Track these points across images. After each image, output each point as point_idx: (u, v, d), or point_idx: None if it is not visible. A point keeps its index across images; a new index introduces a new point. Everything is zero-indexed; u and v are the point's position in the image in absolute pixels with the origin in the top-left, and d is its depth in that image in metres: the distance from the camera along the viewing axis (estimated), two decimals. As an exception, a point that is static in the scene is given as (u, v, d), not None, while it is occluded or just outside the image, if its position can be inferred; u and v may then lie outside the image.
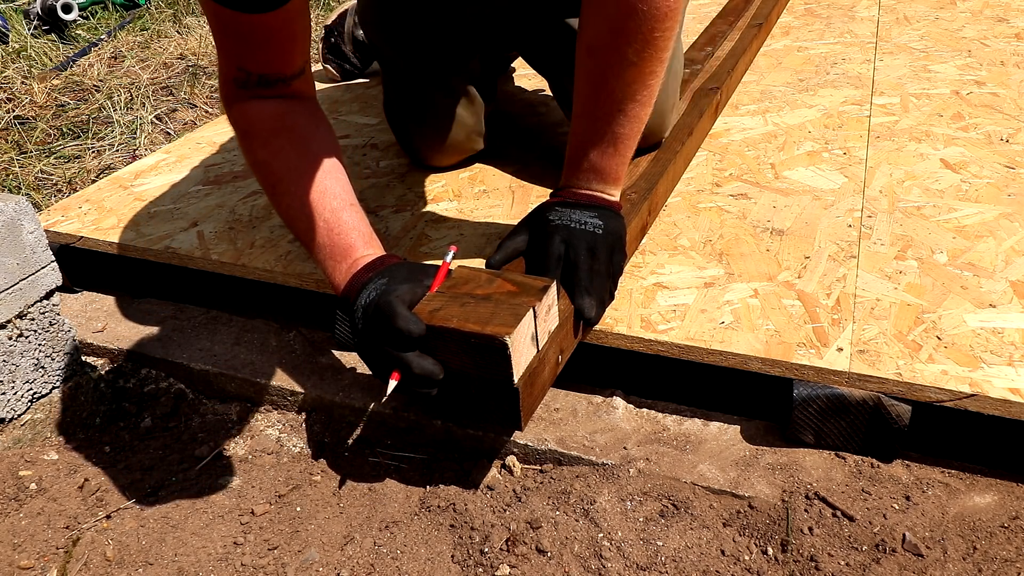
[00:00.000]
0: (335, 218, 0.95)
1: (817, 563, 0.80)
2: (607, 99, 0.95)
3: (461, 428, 0.99)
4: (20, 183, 1.84)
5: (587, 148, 0.99)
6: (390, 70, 1.37)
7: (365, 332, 0.85)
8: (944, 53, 1.78)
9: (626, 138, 0.98)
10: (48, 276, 1.01)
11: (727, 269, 1.08)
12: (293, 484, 0.97)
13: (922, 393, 0.87)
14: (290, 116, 1.01)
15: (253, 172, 1.03)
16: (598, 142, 0.98)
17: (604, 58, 0.92)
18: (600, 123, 0.97)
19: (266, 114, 1.00)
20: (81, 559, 0.88)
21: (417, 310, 0.83)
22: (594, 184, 1.01)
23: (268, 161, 0.99)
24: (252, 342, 1.18)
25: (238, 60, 0.97)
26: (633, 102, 0.94)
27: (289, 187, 0.97)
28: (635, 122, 0.97)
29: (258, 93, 1.00)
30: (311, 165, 0.98)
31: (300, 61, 1.00)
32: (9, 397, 0.98)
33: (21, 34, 2.84)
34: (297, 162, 0.98)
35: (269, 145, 0.99)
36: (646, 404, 1.01)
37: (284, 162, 0.98)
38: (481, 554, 0.85)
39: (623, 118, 0.95)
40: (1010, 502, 0.85)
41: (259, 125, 1.00)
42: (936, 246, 1.10)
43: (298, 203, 0.96)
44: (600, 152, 0.98)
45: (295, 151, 0.99)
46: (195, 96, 2.32)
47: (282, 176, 0.98)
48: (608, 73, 0.93)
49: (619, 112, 0.95)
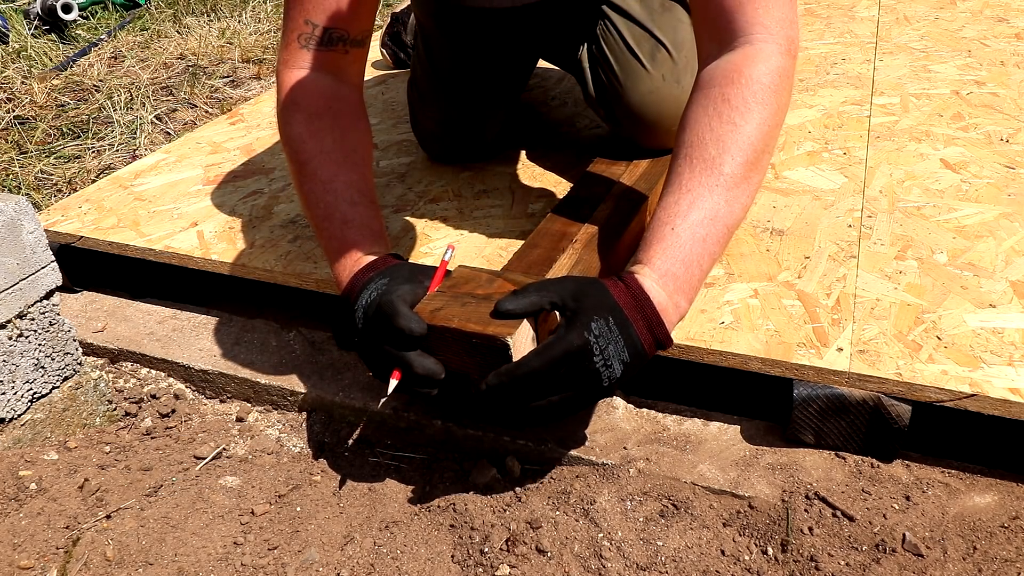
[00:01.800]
0: (351, 212, 0.96)
1: (817, 563, 0.80)
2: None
3: (461, 428, 0.99)
4: (20, 183, 1.84)
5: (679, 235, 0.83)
6: (430, 50, 1.37)
7: (366, 331, 0.85)
8: (944, 53, 1.78)
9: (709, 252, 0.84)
10: (48, 276, 1.01)
11: (727, 269, 1.08)
12: (293, 484, 0.97)
13: (922, 393, 0.87)
14: (338, 102, 1.03)
15: (284, 143, 1.04)
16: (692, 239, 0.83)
17: None
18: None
19: (317, 91, 1.03)
20: (81, 559, 0.88)
21: (418, 310, 0.83)
22: (670, 293, 0.82)
23: (304, 139, 1.00)
24: (252, 342, 1.18)
25: (306, 12, 1.01)
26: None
27: (316, 171, 0.99)
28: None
29: (319, 55, 1.03)
30: (343, 156, 1.00)
31: (364, 25, 1.05)
32: (9, 397, 0.98)
33: (21, 34, 2.84)
34: (331, 148, 1.00)
35: (311, 124, 1.01)
36: (646, 404, 1.01)
37: (318, 145, 1.00)
38: (481, 554, 0.85)
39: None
40: (1010, 502, 0.85)
41: (307, 100, 1.02)
42: (936, 246, 1.10)
43: (320, 189, 0.98)
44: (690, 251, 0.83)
45: (332, 137, 1.01)
46: (195, 96, 2.32)
47: (312, 157, 1.00)
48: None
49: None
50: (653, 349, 0.81)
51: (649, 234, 0.84)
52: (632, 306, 0.79)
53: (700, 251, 0.82)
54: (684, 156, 0.86)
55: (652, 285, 0.81)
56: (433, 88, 1.37)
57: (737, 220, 0.86)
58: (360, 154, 1.02)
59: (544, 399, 0.77)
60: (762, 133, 0.86)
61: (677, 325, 0.85)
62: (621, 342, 0.77)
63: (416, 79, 1.42)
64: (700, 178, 0.84)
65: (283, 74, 1.05)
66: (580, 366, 0.76)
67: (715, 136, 0.85)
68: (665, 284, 0.81)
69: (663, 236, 0.83)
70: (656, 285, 0.81)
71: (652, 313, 0.79)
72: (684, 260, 0.82)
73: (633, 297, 0.79)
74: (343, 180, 0.98)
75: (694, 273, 0.82)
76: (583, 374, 0.76)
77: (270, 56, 2.62)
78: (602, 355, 0.76)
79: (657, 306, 0.80)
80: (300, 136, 1.01)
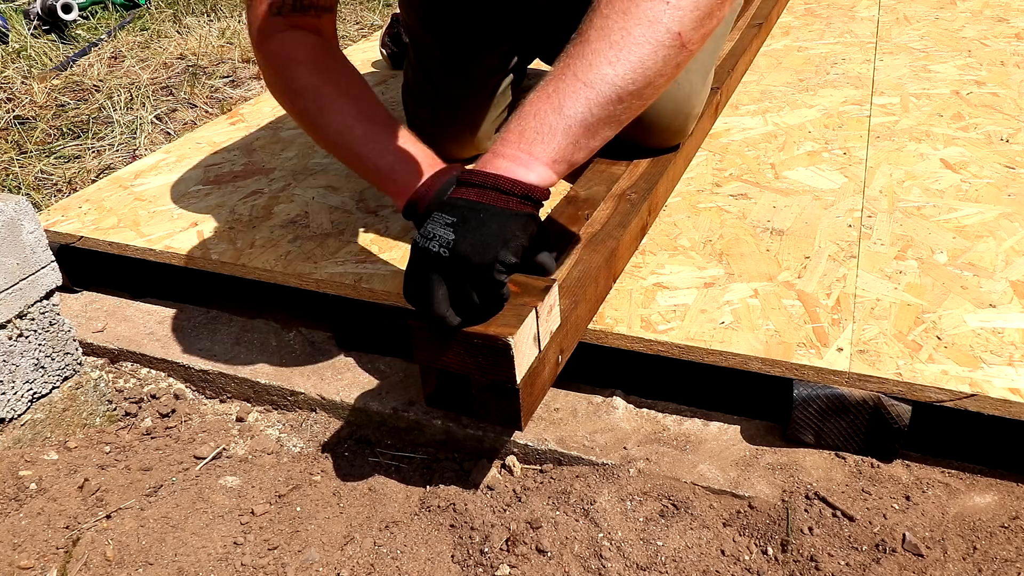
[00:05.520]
0: (403, 135, 1.01)
1: (817, 563, 0.80)
2: (600, 39, 0.75)
3: (461, 428, 0.99)
4: (20, 183, 1.84)
5: (525, 102, 0.79)
6: (416, 49, 1.39)
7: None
8: (944, 53, 1.78)
9: (582, 100, 0.75)
10: (48, 276, 1.01)
11: (727, 269, 1.08)
12: (293, 484, 0.97)
13: (922, 393, 0.87)
14: (331, 50, 1.07)
15: (290, 99, 1.05)
16: (541, 95, 0.77)
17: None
18: (573, 69, 0.76)
19: (309, 44, 1.04)
20: (81, 559, 0.88)
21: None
22: (497, 156, 0.78)
23: (317, 85, 1.02)
24: (252, 342, 1.18)
25: None
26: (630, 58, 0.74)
27: (343, 106, 1.01)
28: (607, 94, 0.75)
29: (293, 21, 1.04)
30: (363, 91, 1.04)
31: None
32: (9, 397, 0.98)
33: (21, 34, 2.84)
34: (347, 86, 1.03)
35: (319, 71, 1.02)
36: (646, 404, 1.01)
37: (336, 85, 1.02)
38: (481, 554, 0.85)
39: (604, 67, 0.74)
40: (1010, 502, 0.85)
41: (304, 53, 1.03)
42: (936, 246, 1.10)
43: (351, 120, 1.01)
44: (541, 102, 0.77)
45: (345, 78, 1.04)
46: (195, 96, 2.32)
47: (335, 97, 1.01)
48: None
49: (604, 61, 0.75)
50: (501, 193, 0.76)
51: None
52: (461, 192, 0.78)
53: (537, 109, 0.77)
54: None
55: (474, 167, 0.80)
56: (422, 89, 1.38)
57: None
58: (371, 93, 1.06)
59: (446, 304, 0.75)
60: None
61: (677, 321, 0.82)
62: (442, 213, 0.76)
63: (408, 82, 1.44)
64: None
65: (266, 43, 1.05)
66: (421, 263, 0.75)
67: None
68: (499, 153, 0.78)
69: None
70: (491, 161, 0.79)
71: (470, 177, 0.78)
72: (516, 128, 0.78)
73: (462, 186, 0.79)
74: (374, 112, 1.02)
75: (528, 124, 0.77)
76: (426, 265, 0.75)
77: (270, 56, 2.62)
78: (425, 239, 0.75)
79: (472, 168, 0.79)
80: (311, 85, 1.02)
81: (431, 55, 1.35)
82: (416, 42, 1.39)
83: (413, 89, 1.41)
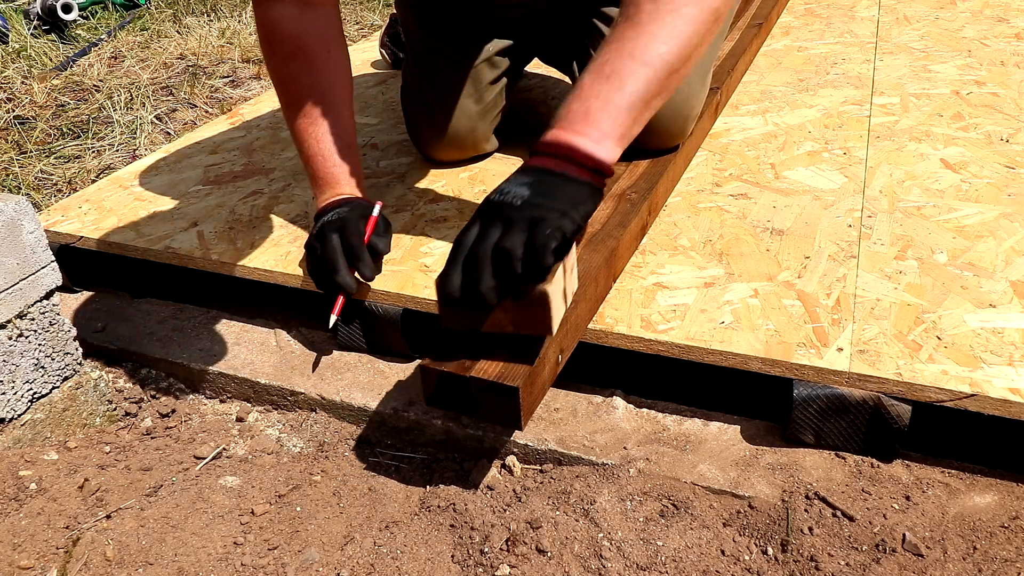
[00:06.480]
0: (329, 153, 1.11)
1: (817, 563, 0.80)
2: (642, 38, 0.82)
3: (461, 428, 0.99)
4: (20, 183, 1.84)
5: (582, 85, 0.84)
6: (414, 51, 1.40)
7: (320, 237, 1.04)
8: (944, 53, 1.78)
9: (642, 78, 0.82)
10: (48, 276, 1.01)
11: (727, 269, 1.08)
12: (293, 484, 0.97)
13: (922, 393, 0.87)
14: (307, 37, 1.11)
15: (271, 79, 1.16)
16: (599, 77, 0.83)
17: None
18: (619, 63, 0.83)
19: (287, 31, 1.10)
20: (81, 559, 0.88)
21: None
22: (567, 132, 0.84)
23: (284, 81, 1.12)
24: (252, 342, 1.18)
25: None
26: (674, 50, 0.81)
27: (297, 112, 1.11)
28: (662, 71, 0.82)
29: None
30: (318, 97, 1.11)
31: None
32: (9, 397, 0.98)
33: (21, 34, 2.84)
34: (308, 89, 1.11)
35: (287, 66, 1.11)
36: (646, 404, 1.01)
37: (297, 88, 1.11)
38: (481, 554, 0.85)
39: (651, 57, 0.82)
40: (1010, 502, 0.85)
41: (279, 41, 1.10)
42: (936, 246, 1.10)
43: (300, 130, 1.11)
44: (601, 84, 0.83)
45: (307, 80, 1.11)
46: (195, 96, 2.32)
47: (292, 101, 1.12)
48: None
49: (650, 52, 0.82)
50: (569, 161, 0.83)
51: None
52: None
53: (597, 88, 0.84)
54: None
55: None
56: (420, 91, 1.38)
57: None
58: (335, 93, 1.12)
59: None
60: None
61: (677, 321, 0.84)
62: (518, 179, 0.82)
63: (406, 85, 1.44)
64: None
65: (256, 10, 1.12)
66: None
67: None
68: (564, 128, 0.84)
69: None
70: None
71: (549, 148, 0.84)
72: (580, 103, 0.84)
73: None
74: (324, 126, 1.10)
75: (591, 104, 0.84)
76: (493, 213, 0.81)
77: (270, 56, 2.62)
78: (500, 193, 0.81)
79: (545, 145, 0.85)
80: (280, 79, 1.12)
81: (428, 57, 1.35)
82: (413, 43, 1.40)
83: (411, 91, 1.41)
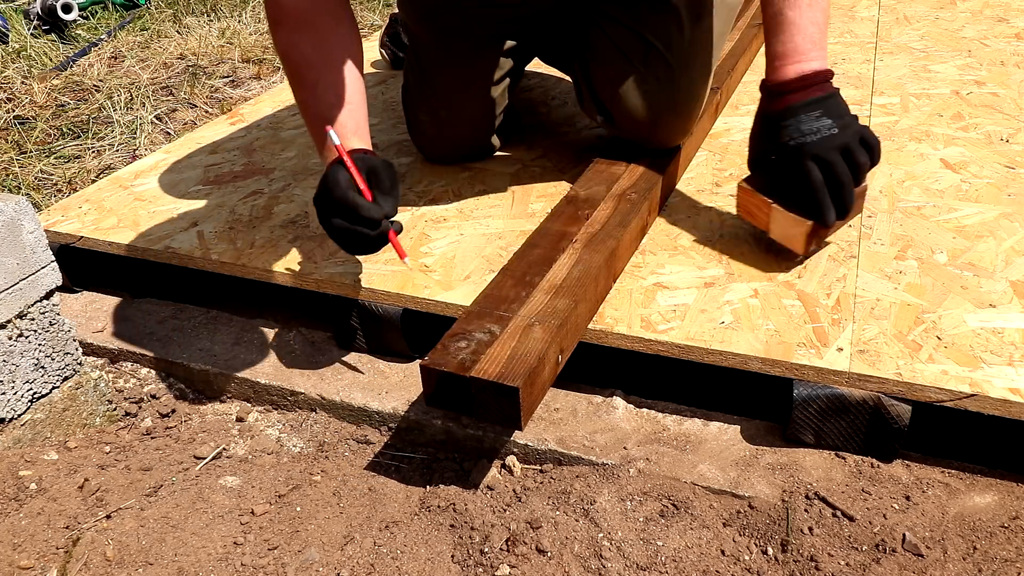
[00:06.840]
0: (330, 114, 1.10)
1: (817, 563, 0.80)
2: None
3: (461, 428, 0.99)
4: (20, 183, 1.84)
5: (790, 19, 1.05)
6: (415, 50, 1.39)
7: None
8: (944, 53, 1.78)
9: (823, 7, 1.05)
10: (48, 276, 1.01)
11: (727, 269, 1.08)
12: (293, 484, 0.97)
13: (922, 393, 0.87)
14: (315, 12, 1.11)
15: (278, 54, 1.16)
16: (805, 8, 1.04)
17: None
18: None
19: (294, 4, 1.10)
20: (81, 559, 0.88)
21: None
22: (808, 61, 1.05)
23: (288, 53, 1.12)
24: (252, 342, 1.18)
25: None
26: None
27: (302, 79, 1.11)
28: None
29: None
30: (323, 62, 1.11)
31: None
32: (9, 397, 0.98)
33: (21, 34, 2.84)
34: (312, 57, 1.11)
35: (292, 37, 1.11)
36: (646, 404, 1.01)
37: (300, 55, 1.11)
38: (481, 554, 0.85)
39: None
40: (1010, 502, 0.85)
41: (286, 15, 1.11)
42: (936, 246, 1.10)
43: (305, 94, 1.11)
44: (798, 23, 1.05)
45: (312, 46, 1.11)
46: (195, 96, 2.32)
47: (297, 67, 1.11)
48: None
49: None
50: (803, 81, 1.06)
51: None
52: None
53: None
54: None
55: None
56: (421, 90, 1.38)
57: None
58: (338, 55, 1.12)
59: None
60: None
61: (677, 321, 0.84)
62: (807, 117, 1.04)
63: (408, 84, 1.43)
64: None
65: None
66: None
67: None
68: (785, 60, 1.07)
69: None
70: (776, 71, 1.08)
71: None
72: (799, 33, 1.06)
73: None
74: (323, 83, 1.10)
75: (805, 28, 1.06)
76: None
77: (270, 56, 2.62)
78: (803, 135, 1.03)
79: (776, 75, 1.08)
80: (284, 51, 1.12)
81: (430, 56, 1.35)
82: (415, 43, 1.39)
83: (412, 91, 1.41)
